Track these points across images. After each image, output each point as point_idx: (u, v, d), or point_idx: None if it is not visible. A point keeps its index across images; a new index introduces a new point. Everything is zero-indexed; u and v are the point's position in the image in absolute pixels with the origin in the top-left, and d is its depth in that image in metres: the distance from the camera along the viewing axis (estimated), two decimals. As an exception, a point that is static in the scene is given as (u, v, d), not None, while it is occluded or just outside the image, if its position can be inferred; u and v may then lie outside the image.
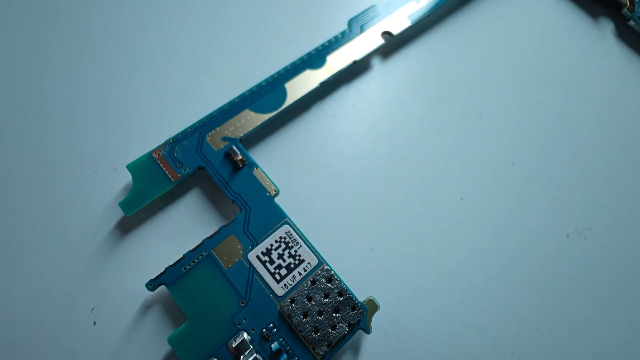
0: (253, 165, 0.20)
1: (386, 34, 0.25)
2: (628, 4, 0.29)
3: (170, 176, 0.19)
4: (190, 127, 0.21)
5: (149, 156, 0.20)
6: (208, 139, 0.20)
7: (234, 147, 0.20)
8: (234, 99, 0.22)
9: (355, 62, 0.24)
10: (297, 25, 0.25)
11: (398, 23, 0.25)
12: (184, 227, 0.20)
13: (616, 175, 0.24)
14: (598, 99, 0.26)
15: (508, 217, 0.23)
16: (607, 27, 0.30)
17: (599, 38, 0.29)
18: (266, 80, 0.22)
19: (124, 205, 0.19)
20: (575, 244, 0.22)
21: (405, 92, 0.25)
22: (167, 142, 0.20)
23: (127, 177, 0.20)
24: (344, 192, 0.22)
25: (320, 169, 0.22)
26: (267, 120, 0.21)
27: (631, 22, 0.29)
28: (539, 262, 0.22)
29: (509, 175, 0.24)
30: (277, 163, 0.22)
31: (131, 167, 0.19)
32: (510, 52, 0.27)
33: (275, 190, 0.20)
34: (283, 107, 0.22)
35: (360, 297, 0.19)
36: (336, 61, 0.23)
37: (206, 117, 0.21)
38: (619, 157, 0.25)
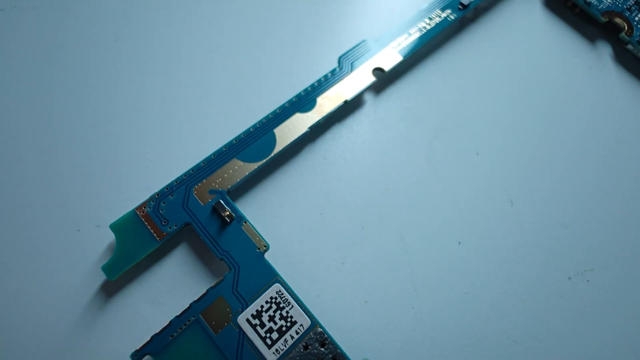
0: (242, 219, 0.19)
1: (378, 70, 0.24)
2: (626, 27, 0.28)
3: (155, 235, 0.18)
4: (176, 180, 0.20)
5: (133, 214, 0.19)
6: (195, 192, 0.19)
7: (222, 202, 0.19)
8: (221, 148, 0.20)
9: (346, 102, 0.23)
10: (285, 65, 0.24)
11: (389, 58, 0.24)
12: (172, 287, 0.19)
13: (619, 213, 0.23)
14: (600, 130, 0.25)
15: (507, 261, 0.21)
16: (605, 51, 0.29)
17: (597, 63, 0.28)
18: (254, 126, 0.21)
19: (107, 269, 0.18)
20: (578, 287, 0.21)
21: (399, 130, 0.24)
22: (152, 198, 0.19)
23: (112, 234, 0.19)
24: (337, 241, 0.21)
25: (312, 217, 0.21)
26: (256, 169, 0.20)
27: (629, 46, 0.28)
28: (540, 309, 0.21)
29: (507, 216, 0.22)
30: (267, 213, 0.21)
31: (114, 227, 0.18)
32: (505, 82, 0.26)
33: (265, 246, 0.19)
34: (272, 154, 0.21)
35: (356, 357, 0.18)
36: (327, 102, 0.22)
37: (192, 169, 0.20)
38: (622, 194, 0.23)
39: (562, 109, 0.26)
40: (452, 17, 0.26)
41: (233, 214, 0.19)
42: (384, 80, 0.25)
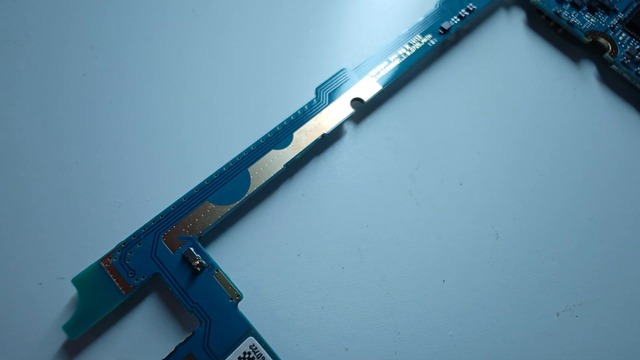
0: (213, 267, 0.18)
1: (357, 101, 0.23)
2: (610, 47, 0.27)
3: (121, 288, 0.17)
4: (144, 227, 0.18)
5: (97, 266, 0.17)
6: (164, 239, 0.18)
7: (192, 250, 0.18)
8: (192, 190, 0.19)
9: (324, 136, 0.22)
10: (259, 99, 0.23)
11: (368, 88, 0.23)
12: (139, 343, 0.17)
13: (608, 243, 0.22)
14: (587, 156, 0.24)
15: (493, 299, 0.20)
16: (589, 72, 0.27)
17: (582, 84, 0.27)
18: (227, 165, 0.20)
19: (68, 328, 0.16)
20: (567, 324, 0.20)
21: (380, 161, 0.22)
22: (118, 247, 0.18)
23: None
24: (316, 284, 0.19)
25: (289, 259, 0.20)
26: (229, 212, 0.19)
27: (614, 66, 0.27)
28: (529, 349, 0.19)
29: (493, 250, 0.21)
30: (241, 257, 0.19)
31: (77, 281, 0.17)
32: (489, 107, 0.25)
33: (238, 296, 0.17)
34: (246, 194, 0.19)
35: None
36: (304, 137, 0.21)
37: (161, 214, 0.18)
38: (611, 224, 0.22)
39: (548, 134, 0.25)
40: (433, 42, 0.25)
41: (204, 263, 0.18)
42: (363, 108, 0.24)
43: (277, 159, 0.20)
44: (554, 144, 0.24)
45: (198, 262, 0.17)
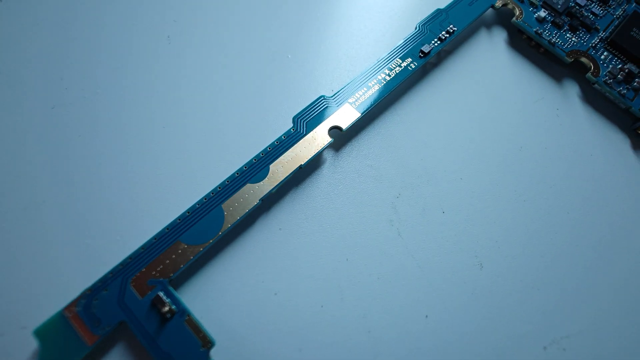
0: (184, 312, 0.17)
1: (335, 129, 0.22)
2: (592, 67, 0.27)
3: (86, 339, 0.16)
4: (111, 271, 0.17)
5: (59, 317, 0.16)
6: (132, 284, 0.17)
7: (161, 295, 0.17)
8: (163, 230, 0.18)
9: (301, 167, 0.21)
10: (234, 130, 0.22)
11: (347, 115, 0.22)
12: (106, 398, 0.16)
13: (594, 272, 0.21)
14: (571, 180, 0.23)
15: (478, 333, 0.19)
16: (572, 91, 0.27)
17: (565, 104, 0.26)
18: (200, 202, 0.19)
19: (28, 385, 0.16)
20: (555, 358, 0.20)
21: (360, 191, 0.21)
22: (82, 295, 0.16)
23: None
24: (294, 325, 0.18)
25: (265, 299, 0.19)
26: (202, 252, 0.18)
27: (596, 86, 0.27)
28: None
29: (477, 281, 0.20)
30: (215, 298, 0.18)
31: (39, 333, 0.16)
32: (471, 131, 0.24)
33: (210, 343, 0.16)
34: (220, 232, 0.18)
35: None
36: (280, 169, 0.20)
37: (130, 257, 0.17)
38: (597, 252, 0.22)
39: (532, 157, 0.24)
40: (413, 66, 0.24)
41: (174, 308, 0.17)
42: (343, 135, 0.23)
43: (252, 194, 0.19)
44: (538, 167, 0.24)
45: (167, 309, 0.16)
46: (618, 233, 0.22)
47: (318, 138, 0.21)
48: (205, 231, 0.18)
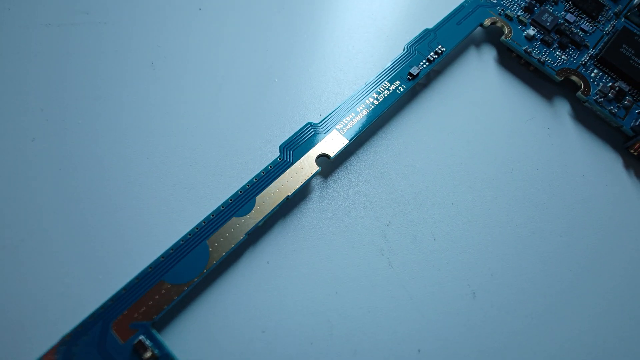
0: (168, 357, 0.16)
1: (323, 157, 0.21)
2: (582, 86, 0.26)
3: (65, 390, 0.16)
4: (92, 315, 0.16)
5: (38, 366, 0.16)
6: (114, 328, 0.16)
7: (143, 340, 0.16)
8: (146, 269, 0.17)
9: (288, 198, 0.20)
10: (219, 160, 0.21)
11: (335, 142, 0.21)
12: None
13: (588, 297, 0.21)
14: (564, 199, 0.22)
15: (472, 366, 0.19)
16: (563, 109, 0.26)
17: (556, 123, 0.25)
18: (184, 238, 0.18)
19: None
20: (550, 390, 0.19)
21: (350, 220, 0.21)
22: (62, 341, 0.16)
23: (19, 385, 0.16)
24: (283, 364, 0.18)
25: (253, 337, 0.18)
26: (186, 291, 0.17)
27: (587, 104, 0.26)
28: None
29: (470, 311, 0.20)
30: (200, 340, 0.17)
31: (16, 384, 0.16)
32: (461, 153, 0.23)
33: (195, 389, 0.16)
34: (205, 270, 0.18)
35: None
36: (267, 200, 0.20)
37: (111, 299, 0.17)
38: (592, 276, 0.21)
39: (523, 179, 0.23)
40: (402, 89, 0.23)
41: (157, 353, 0.16)
42: (331, 162, 0.22)
43: (238, 228, 0.19)
44: (530, 190, 0.23)
45: (150, 355, 0.16)
46: (614, 256, 0.22)
47: (305, 167, 0.20)
48: (190, 269, 0.18)
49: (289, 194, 0.19)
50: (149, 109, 0.22)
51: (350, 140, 0.21)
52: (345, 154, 0.22)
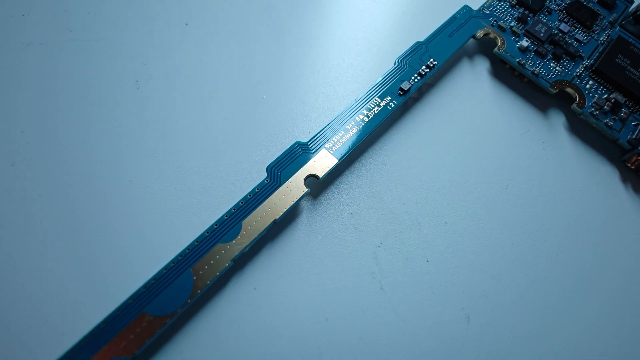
0: (150, 394, 0.16)
1: (312, 177, 0.21)
2: (577, 98, 0.25)
3: None
4: (71, 349, 0.15)
5: (12, 407, 0.15)
6: (93, 364, 0.16)
7: (123, 377, 0.16)
8: (126, 301, 0.16)
9: (275, 222, 0.20)
10: (204, 181, 0.20)
11: (324, 162, 0.20)
12: None
13: (584, 320, 0.20)
14: (560, 216, 0.22)
15: (467, 394, 0.19)
16: (558, 121, 0.26)
17: (551, 136, 0.24)
18: (167, 266, 0.17)
19: None
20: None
21: (340, 242, 0.20)
22: (39, 380, 0.16)
23: None
24: (271, 396, 0.18)
25: (240, 368, 0.18)
26: (169, 323, 0.16)
27: (582, 117, 0.25)
28: None
29: (464, 337, 0.19)
30: (185, 372, 0.17)
31: None
32: (454, 170, 0.22)
33: None
34: (189, 300, 0.17)
35: None
36: (254, 224, 0.19)
37: (91, 333, 0.16)
38: (588, 296, 0.20)
39: (518, 196, 0.22)
40: (393, 105, 0.22)
41: (138, 391, 0.16)
42: (321, 181, 0.21)
43: (223, 254, 0.18)
44: (525, 207, 0.22)
45: (130, 393, 0.15)
46: (612, 275, 0.21)
47: (293, 189, 0.20)
48: (173, 299, 0.17)
49: (277, 217, 0.19)
50: (132, 130, 0.21)
51: (339, 160, 0.20)
52: (335, 173, 0.22)
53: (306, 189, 0.20)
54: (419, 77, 0.23)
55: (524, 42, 0.25)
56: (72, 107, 0.21)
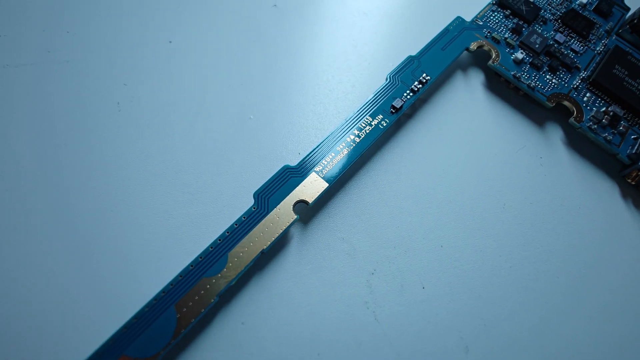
0: None
1: (301, 203, 0.20)
2: (575, 112, 0.24)
3: None
4: None
5: None
6: (69, 415, 0.15)
7: None
8: (106, 342, 0.15)
9: (263, 252, 0.19)
10: (187, 210, 0.19)
11: (314, 187, 0.19)
12: None
13: (585, 342, 0.20)
14: (560, 235, 0.21)
15: None
16: (555, 135, 0.25)
17: (548, 150, 0.24)
18: (148, 304, 0.16)
19: None
20: None
21: (332, 270, 0.19)
22: None
23: None
24: None
25: (228, 411, 0.17)
26: (151, 366, 0.16)
27: (580, 131, 0.25)
28: None
29: (463, 367, 0.19)
30: (169, 418, 0.16)
31: None
32: (449, 191, 0.21)
33: None
34: (172, 340, 0.16)
35: None
36: (240, 256, 0.18)
37: None
38: (592, 320, 0.20)
39: (515, 216, 0.21)
40: (385, 124, 0.21)
41: None
42: (310, 208, 0.20)
43: (208, 289, 0.17)
44: (523, 227, 0.21)
45: None
46: (616, 296, 0.20)
47: (282, 216, 0.19)
48: (155, 340, 0.16)
49: (264, 247, 0.18)
50: (113, 155, 0.20)
51: (330, 184, 0.20)
52: (326, 196, 0.21)
53: (295, 216, 0.19)
54: (411, 94, 0.23)
55: (519, 54, 0.25)
56: (49, 133, 0.20)
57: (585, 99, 0.24)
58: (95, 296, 0.17)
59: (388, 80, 0.23)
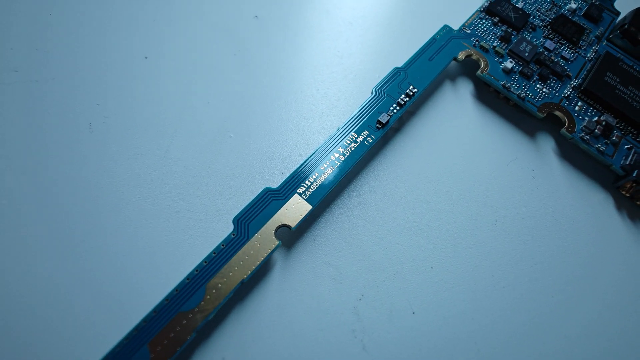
0: None
1: (284, 227, 0.19)
2: (567, 122, 0.24)
3: None
4: None
5: None
6: None
7: None
8: None
9: (243, 283, 0.18)
10: (162, 239, 0.18)
11: (296, 210, 0.18)
12: None
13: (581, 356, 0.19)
14: (554, 253, 0.20)
15: None
16: (547, 146, 0.23)
17: (540, 162, 0.23)
18: (120, 343, 0.15)
19: None
20: None
21: (318, 298, 0.18)
22: None
23: None
24: None
25: None
26: (122, 412, 0.15)
27: (572, 141, 0.24)
28: None
29: (457, 397, 0.18)
30: None
31: None
32: (439, 209, 0.20)
33: None
34: (145, 382, 0.15)
35: None
36: (219, 287, 0.16)
37: None
38: (589, 340, 0.19)
39: (507, 232, 0.20)
40: (371, 140, 0.20)
41: None
42: (294, 232, 0.19)
43: (185, 325, 0.16)
44: (515, 244, 0.20)
45: None
46: (613, 313, 0.19)
47: (263, 242, 0.17)
48: (127, 383, 0.15)
49: (244, 277, 0.17)
50: (81, 180, 0.18)
51: (314, 207, 0.18)
52: (310, 218, 0.19)
53: (277, 242, 0.17)
54: (398, 107, 0.21)
55: (508, 64, 0.24)
56: (18, 156, 0.19)
57: (576, 108, 0.23)
58: (63, 337, 0.15)
59: (373, 93, 0.22)
